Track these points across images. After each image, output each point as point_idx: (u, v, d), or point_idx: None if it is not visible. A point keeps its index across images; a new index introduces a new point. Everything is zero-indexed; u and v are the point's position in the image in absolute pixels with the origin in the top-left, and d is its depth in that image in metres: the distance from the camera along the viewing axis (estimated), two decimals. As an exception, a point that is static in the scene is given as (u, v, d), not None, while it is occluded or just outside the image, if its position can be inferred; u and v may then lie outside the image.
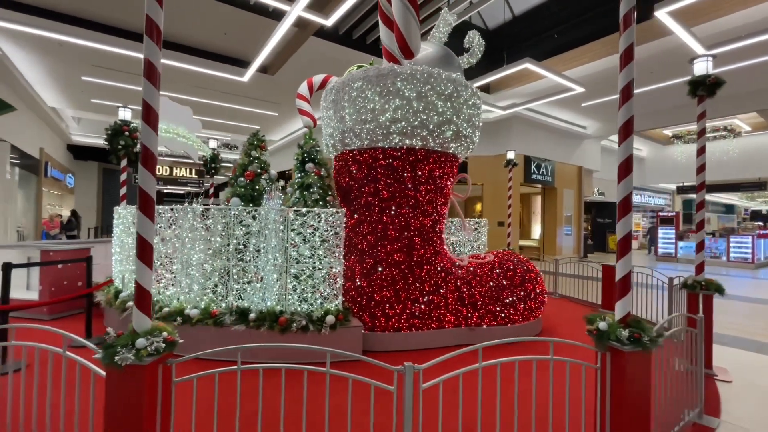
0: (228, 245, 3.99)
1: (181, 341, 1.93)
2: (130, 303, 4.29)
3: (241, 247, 4.00)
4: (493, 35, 11.81)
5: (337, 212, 4.00)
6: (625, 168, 2.20)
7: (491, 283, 4.62)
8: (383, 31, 4.16)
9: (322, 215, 3.94)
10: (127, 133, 5.71)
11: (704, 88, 3.86)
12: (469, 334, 4.47)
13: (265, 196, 4.43)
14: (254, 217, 4.01)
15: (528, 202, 16.75)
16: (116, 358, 1.66)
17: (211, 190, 10.06)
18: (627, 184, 2.21)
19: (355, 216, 4.47)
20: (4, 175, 10.48)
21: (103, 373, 1.75)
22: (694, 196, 23.40)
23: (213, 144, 9.24)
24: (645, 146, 19.99)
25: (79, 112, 14.96)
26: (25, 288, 5.79)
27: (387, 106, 3.99)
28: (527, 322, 4.67)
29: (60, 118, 14.97)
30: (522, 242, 15.65)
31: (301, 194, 4.39)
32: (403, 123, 4.01)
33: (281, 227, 3.92)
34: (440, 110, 4.07)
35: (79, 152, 19.37)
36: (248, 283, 4.02)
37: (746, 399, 3.31)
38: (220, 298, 4.01)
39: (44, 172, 14.03)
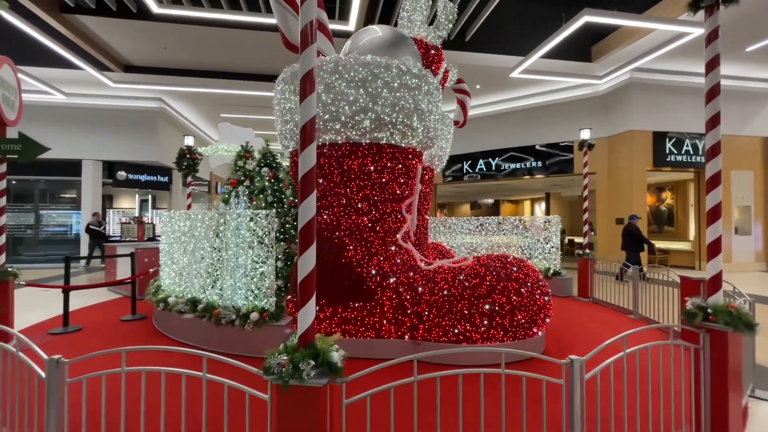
0: (191, 245, 4.64)
1: None
2: (153, 290, 5.45)
3: (199, 246, 4.58)
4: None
5: (268, 215, 4.13)
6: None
7: (445, 292, 3.91)
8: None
9: (253, 217, 4.14)
10: (188, 156, 7.21)
11: (707, -6, 2.39)
12: (413, 348, 3.90)
13: (231, 201, 4.93)
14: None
15: (683, 192, 12.73)
16: None
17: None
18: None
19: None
20: (179, 194, 14.44)
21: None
22: None
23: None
24: None
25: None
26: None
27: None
28: (495, 344, 3.75)
29: (226, 147, 19.53)
30: (668, 244, 11.98)
31: (257, 198, 4.69)
32: (315, 118, 3.84)
33: (222, 228, 4.31)
34: (351, 99, 3.73)
35: (247, 172, 24.91)
36: (208, 278, 4.56)
37: None
38: (187, 290, 4.68)
39: (215, 190, 18.54)
